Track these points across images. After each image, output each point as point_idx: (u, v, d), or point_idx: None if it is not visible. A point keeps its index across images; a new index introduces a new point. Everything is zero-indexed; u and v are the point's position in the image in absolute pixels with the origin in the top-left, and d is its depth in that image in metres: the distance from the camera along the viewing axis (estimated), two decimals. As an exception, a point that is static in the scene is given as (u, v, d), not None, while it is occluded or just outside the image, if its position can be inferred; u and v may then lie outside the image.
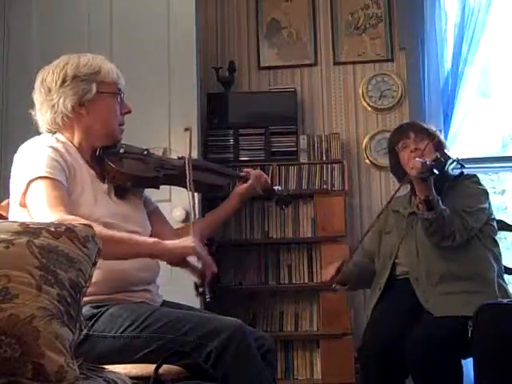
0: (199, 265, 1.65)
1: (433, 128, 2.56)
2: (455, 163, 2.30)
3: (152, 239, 1.67)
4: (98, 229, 1.53)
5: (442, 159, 2.22)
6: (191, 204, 1.76)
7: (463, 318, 2.14)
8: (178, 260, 1.66)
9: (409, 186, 2.52)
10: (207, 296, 1.64)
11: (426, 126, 2.55)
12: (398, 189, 2.36)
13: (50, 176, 1.60)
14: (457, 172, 2.43)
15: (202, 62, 3.21)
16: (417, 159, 2.26)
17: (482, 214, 2.36)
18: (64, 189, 1.63)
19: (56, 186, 1.60)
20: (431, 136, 2.44)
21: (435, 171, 2.17)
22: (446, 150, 2.34)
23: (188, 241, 1.66)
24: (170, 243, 1.65)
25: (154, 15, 3.05)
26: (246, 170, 2.13)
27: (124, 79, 1.87)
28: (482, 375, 1.99)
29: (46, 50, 2.91)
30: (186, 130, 1.91)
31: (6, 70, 3.10)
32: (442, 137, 2.59)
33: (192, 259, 1.67)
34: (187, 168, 1.80)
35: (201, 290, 1.64)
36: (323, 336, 3.25)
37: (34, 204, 1.59)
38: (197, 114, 2.92)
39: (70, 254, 1.18)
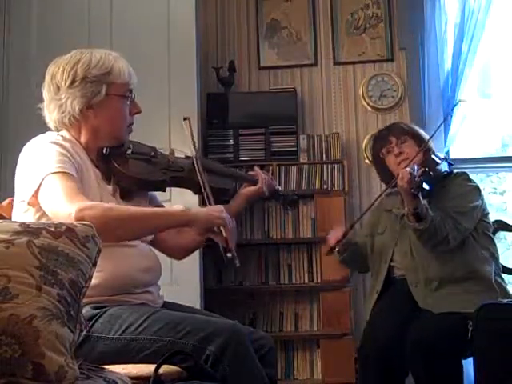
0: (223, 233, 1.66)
1: (415, 128, 2.52)
2: (444, 162, 2.29)
3: (179, 209, 1.69)
4: (126, 208, 1.59)
5: (431, 173, 2.19)
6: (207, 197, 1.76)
7: (463, 316, 2.13)
8: (210, 228, 1.68)
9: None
10: (236, 261, 1.65)
11: (406, 126, 2.52)
12: (384, 191, 2.36)
13: (62, 170, 1.58)
14: (446, 170, 2.41)
15: (202, 62, 3.21)
16: (405, 170, 2.18)
17: (475, 213, 2.32)
18: (77, 180, 1.61)
19: (69, 178, 1.58)
20: (414, 137, 2.42)
21: (425, 186, 2.15)
22: (432, 155, 2.30)
23: (219, 210, 1.68)
24: (203, 211, 1.68)
25: (154, 15, 3.05)
26: (255, 171, 2.10)
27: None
28: (482, 375, 2.00)
29: (46, 48, 2.91)
30: (185, 119, 1.89)
31: (6, 64, 3.10)
32: (424, 134, 2.50)
33: None
34: (196, 167, 1.79)
35: (229, 255, 1.65)
36: (323, 336, 3.25)
37: (50, 199, 1.56)
38: (197, 114, 2.92)
39: (70, 254, 1.18)
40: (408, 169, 2.17)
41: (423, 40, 3.51)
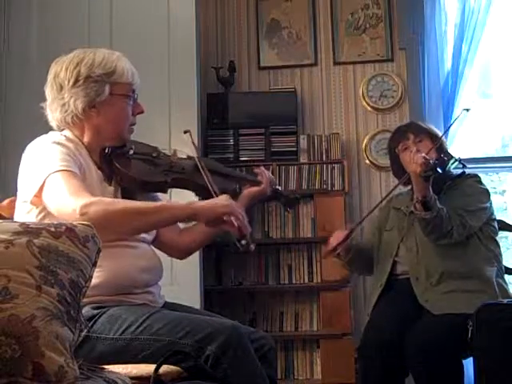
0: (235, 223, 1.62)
1: (432, 128, 2.55)
2: (457, 163, 2.30)
3: (183, 202, 1.64)
4: (130, 202, 1.57)
5: (446, 158, 2.21)
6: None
7: (463, 316, 2.13)
8: (216, 219, 1.63)
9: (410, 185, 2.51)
10: (252, 246, 1.62)
11: (424, 125, 2.54)
12: (396, 186, 2.36)
13: (65, 169, 1.57)
14: (458, 171, 2.43)
15: (202, 62, 3.21)
16: (420, 155, 2.24)
17: (483, 214, 2.35)
18: (81, 178, 1.61)
19: (74, 176, 1.58)
20: (431, 137, 2.43)
21: (438, 170, 2.16)
22: (447, 149, 2.34)
23: (224, 199, 1.64)
24: (206, 202, 1.63)
25: (154, 15, 3.05)
26: (259, 169, 2.04)
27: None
28: (482, 375, 2.00)
29: (46, 48, 2.91)
30: (186, 132, 1.89)
31: (6, 64, 3.09)
32: (443, 137, 2.58)
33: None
34: (201, 167, 1.77)
35: (244, 242, 1.61)
36: (323, 336, 3.25)
37: (54, 196, 1.55)
38: (197, 114, 2.92)
39: (70, 254, 1.18)
40: (422, 154, 2.21)
41: (423, 40, 3.51)
